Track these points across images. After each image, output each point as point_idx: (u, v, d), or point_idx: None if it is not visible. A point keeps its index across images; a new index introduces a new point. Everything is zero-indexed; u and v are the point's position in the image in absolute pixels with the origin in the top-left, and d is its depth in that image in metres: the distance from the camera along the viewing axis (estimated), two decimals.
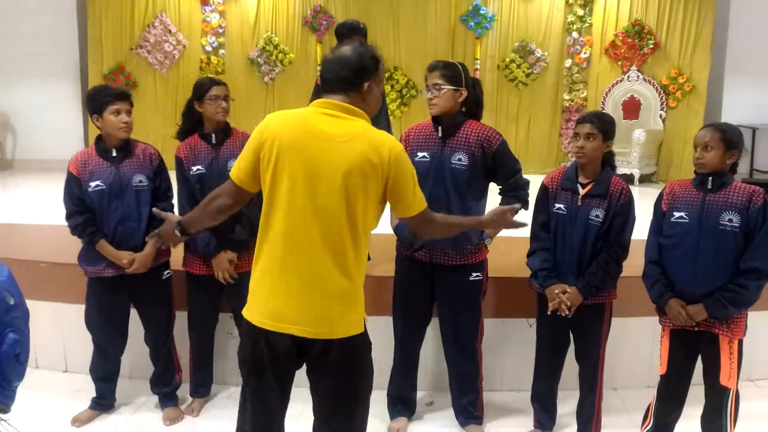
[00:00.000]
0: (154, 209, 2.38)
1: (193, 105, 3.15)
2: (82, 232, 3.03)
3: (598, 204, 2.80)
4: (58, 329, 3.72)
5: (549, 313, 2.87)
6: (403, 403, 3.23)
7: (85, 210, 3.03)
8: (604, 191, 2.80)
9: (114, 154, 3.04)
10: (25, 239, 4.69)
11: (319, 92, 3.68)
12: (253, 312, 2.07)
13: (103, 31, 8.50)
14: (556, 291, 2.82)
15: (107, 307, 3.14)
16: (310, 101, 3.69)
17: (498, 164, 2.90)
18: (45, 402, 3.40)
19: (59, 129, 8.62)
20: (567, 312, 2.80)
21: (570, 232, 2.84)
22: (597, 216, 2.80)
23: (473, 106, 2.96)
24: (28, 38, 8.41)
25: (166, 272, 3.21)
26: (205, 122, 3.17)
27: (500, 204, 2.98)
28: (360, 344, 2.09)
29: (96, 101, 2.99)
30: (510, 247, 3.39)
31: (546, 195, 2.93)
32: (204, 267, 3.17)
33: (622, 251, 2.81)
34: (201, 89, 3.12)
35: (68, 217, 3.05)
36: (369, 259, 3.57)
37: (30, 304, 3.73)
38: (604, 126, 2.80)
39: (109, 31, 8.51)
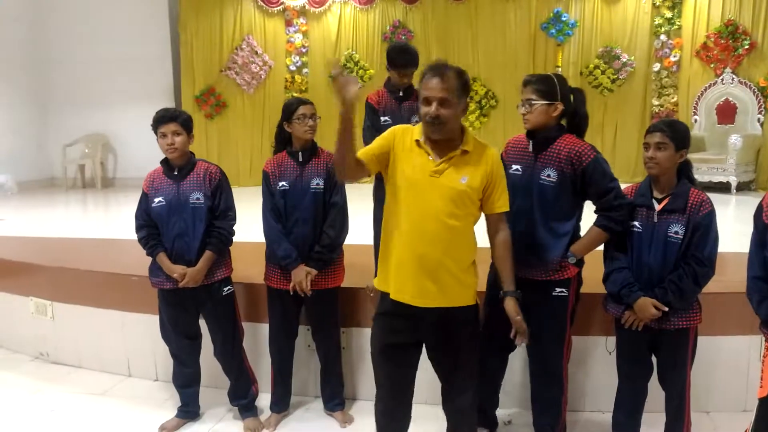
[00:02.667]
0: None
1: (283, 125, 3.26)
2: (145, 244, 3.21)
3: (676, 219, 2.61)
4: (149, 339, 3.91)
5: (625, 323, 2.71)
6: (482, 415, 3.13)
7: (150, 224, 3.21)
8: (682, 205, 2.61)
9: (176, 172, 3.21)
10: (123, 254, 4.97)
11: (375, 112, 3.74)
12: None
13: (194, 54, 8.95)
14: (650, 302, 2.63)
15: (173, 318, 3.28)
16: (365, 122, 3.76)
17: (588, 182, 2.73)
18: (137, 409, 3.59)
19: (154, 149, 9.09)
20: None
21: (647, 252, 2.65)
22: (676, 232, 2.60)
23: (573, 119, 2.82)
24: (126, 63, 9.01)
25: (226, 288, 3.28)
26: (294, 141, 3.27)
27: (594, 223, 2.83)
28: None
29: (152, 125, 3.20)
30: (589, 261, 3.27)
31: None
32: (282, 280, 3.25)
33: (700, 267, 2.59)
34: (289, 109, 3.22)
35: (137, 230, 3.25)
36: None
37: (124, 315, 4.00)
38: (675, 134, 2.61)
39: (200, 55, 8.95)
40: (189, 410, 3.41)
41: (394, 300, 2.47)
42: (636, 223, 2.70)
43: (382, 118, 3.70)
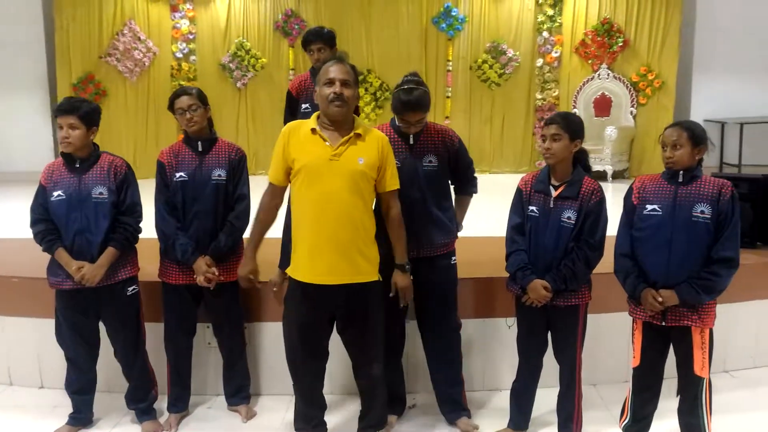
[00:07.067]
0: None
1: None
2: (42, 239, 2.99)
3: (569, 206, 2.81)
4: (32, 345, 3.66)
5: (524, 302, 2.90)
6: (392, 400, 3.21)
7: (47, 219, 3.00)
8: (575, 193, 2.82)
9: (77, 164, 3.01)
10: None
11: (292, 102, 3.72)
12: None
13: (71, 39, 8.35)
14: (540, 284, 2.83)
15: (72, 320, 3.08)
16: (285, 110, 3.76)
17: (458, 158, 3.07)
18: (21, 420, 3.35)
19: (27, 140, 8.46)
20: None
21: (543, 235, 2.85)
22: (569, 218, 2.81)
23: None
24: None
25: (131, 288, 3.13)
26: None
27: (461, 193, 3.18)
28: None
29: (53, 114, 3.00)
30: (487, 246, 3.42)
31: (520, 198, 2.96)
32: (181, 276, 3.13)
33: (591, 252, 2.81)
34: (170, 102, 3.14)
35: (32, 225, 3.03)
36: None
37: (3, 320, 3.71)
38: (570, 126, 2.82)
39: (77, 40, 8.36)
40: (81, 417, 3.22)
41: (305, 283, 2.66)
42: (534, 208, 2.90)
43: (303, 105, 3.65)
